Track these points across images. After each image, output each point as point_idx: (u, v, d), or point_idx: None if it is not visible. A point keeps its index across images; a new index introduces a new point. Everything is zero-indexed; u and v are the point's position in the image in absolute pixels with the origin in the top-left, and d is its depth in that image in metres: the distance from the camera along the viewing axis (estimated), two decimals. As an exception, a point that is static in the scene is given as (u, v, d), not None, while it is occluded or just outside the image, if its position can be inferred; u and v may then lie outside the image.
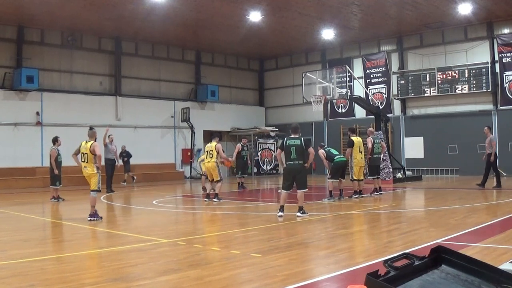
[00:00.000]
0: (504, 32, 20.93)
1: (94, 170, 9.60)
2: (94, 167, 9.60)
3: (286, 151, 9.43)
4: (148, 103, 24.26)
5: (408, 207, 11.91)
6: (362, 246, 6.81)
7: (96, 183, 9.59)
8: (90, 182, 9.69)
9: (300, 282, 4.67)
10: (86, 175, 9.74)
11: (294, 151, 9.33)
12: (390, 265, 3.06)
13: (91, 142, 9.69)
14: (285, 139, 9.57)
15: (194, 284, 4.70)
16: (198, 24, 21.39)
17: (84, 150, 9.68)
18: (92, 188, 9.63)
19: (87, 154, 9.61)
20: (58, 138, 13.81)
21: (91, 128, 10.14)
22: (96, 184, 9.59)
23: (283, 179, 9.66)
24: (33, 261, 5.80)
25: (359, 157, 12.90)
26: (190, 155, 25.43)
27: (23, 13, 19.00)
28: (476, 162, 21.00)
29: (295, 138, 9.48)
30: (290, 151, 9.37)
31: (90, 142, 9.70)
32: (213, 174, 13.03)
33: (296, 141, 9.39)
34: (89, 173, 9.62)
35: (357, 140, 13.02)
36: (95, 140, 9.80)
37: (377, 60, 24.64)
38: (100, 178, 9.70)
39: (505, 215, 9.04)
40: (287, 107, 28.36)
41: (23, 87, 19.69)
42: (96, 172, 9.60)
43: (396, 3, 18.63)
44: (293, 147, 9.35)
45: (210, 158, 12.97)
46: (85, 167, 9.67)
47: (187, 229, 9.03)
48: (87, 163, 9.65)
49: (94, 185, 9.60)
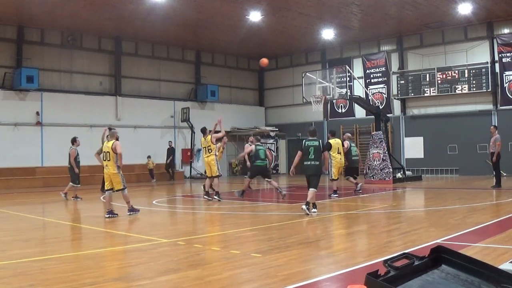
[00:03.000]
0: (504, 32, 20.94)
1: (115, 169, 9.81)
2: (115, 167, 9.81)
3: (304, 151, 9.97)
4: (148, 103, 24.27)
5: (408, 207, 11.91)
6: (362, 246, 6.81)
7: (121, 182, 9.87)
8: (113, 182, 9.91)
9: (300, 282, 4.67)
10: (107, 174, 9.94)
11: (312, 152, 9.90)
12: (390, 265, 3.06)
13: (113, 141, 9.90)
14: (304, 141, 10.15)
15: (194, 284, 4.70)
16: (198, 24, 21.39)
17: (106, 149, 9.93)
18: (117, 188, 9.91)
19: (109, 152, 9.84)
20: (76, 139, 14.19)
21: (110, 129, 10.47)
22: (121, 183, 9.87)
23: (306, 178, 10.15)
24: (33, 261, 5.80)
25: (338, 158, 13.46)
26: (190, 155, 25.43)
27: (23, 13, 19.00)
28: (476, 162, 21.07)
29: (314, 140, 10.05)
30: (308, 152, 9.93)
31: (112, 141, 9.91)
32: (212, 169, 12.93)
33: (314, 143, 9.97)
34: (111, 172, 9.85)
35: (335, 142, 13.58)
36: (117, 140, 10.01)
37: (377, 60, 24.64)
38: (123, 176, 9.96)
39: (505, 215, 9.04)
40: (287, 107, 28.36)
41: (23, 87, 19.70)
42: (117, 172, 9.82)
43: (396, 3, 18.63)
44: (312, 148, 9.91)
45: (209, 153, 12.90)
46: (107, 166, 9.89)
47: (187, 229, 9.03)
48: (108, 161, 9.86)
49: (119, 185, 9.89)
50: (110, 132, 10.21)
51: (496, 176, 14.99)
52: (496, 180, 14.94)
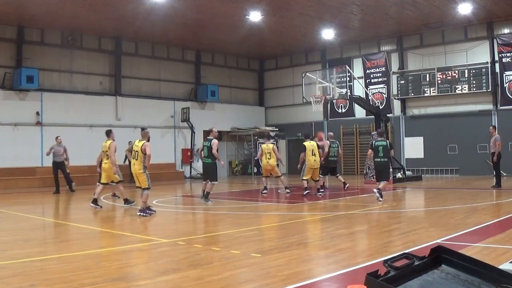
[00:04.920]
0: (504, 32, 20.93)
1: (141, 169, 10.10)
2: (141, 166, 10.10)
3: (374, 150, 11.94)
4: (148, 103, 24.26)
5: (408, 207, 11.92)
6: (362, 246, 6.81)
7: (146, 181, 10.15)
8: (140, 181, 10.26)
9: (300, 282, 4.67)
10: (134, 172, 10.30)
11: (381, 150, 11.82)
12: (390, 265, 3.06)
13: (143, 142, 10.17)
14: (373, 141, 12.18)
15: (194, 284, 4.70)
16: (198, 24, 21.38)
17: (136, 148, 10.22)
18: (143, 186, 10.19)
19: (138, 152, 10.12)
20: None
21: (143, 129, 10.74)
22: (146, 182, 10.14)
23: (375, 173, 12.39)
24: (34, 261, 5.80)
25: (312, 160, 13.66)
26: (190, 155, 25.43)
27: (23, 13, 19.00)
28: (476, 162, 21.07)
29: (382, 140, 12.09)
30: (378, 150, 11.86)
31: (142, 141, 10.19)
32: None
33: (382, 143, 11.96)
34: (137, 171, 10.16)
35: (309, 145, 13.82)
36: (147, 140, 10.29)
37: (377, 60, 24.64)
38: (148, 176, 10.23)
39: (505, 215, 9.04)
40: (287, 107, 28.36)
41: (23, 87, 19.68)
42: (143, 172, 10.10)
43: (396, 3, 18.63)
44: (381, 147, 11.85)
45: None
46: (134, 164, 10.23)
47: (187, 229, 9.04)
48: (136, 160, 10.16)
49: (145, 184, 10.18)
50: (142, 132, 10.52)
51: (496, 176, 14.99)
52: (496, 180, 14.94)
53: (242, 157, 28.51)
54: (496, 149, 14.62)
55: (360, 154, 24.57)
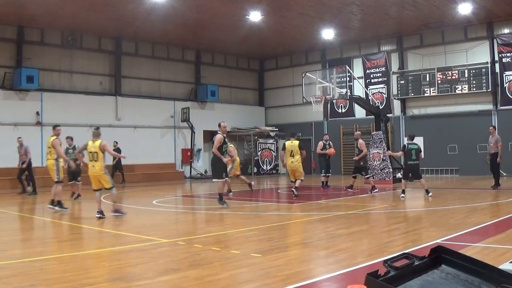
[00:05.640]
0: (504, 32, 20.93)
1: (103, 170, 9.68)
2: (103, 167, 9.67)
3: (407, 153, 12.67)
4: (148, 103, 24.27)
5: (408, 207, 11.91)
6: (362, 246, 6.81)
7: (109, 181, 9.76)
8: (103, 182, 9.77)
9: (300, 282, 4.67)
10: (94, 175, 9.74)
11: (413, 153, 12.59)
12: (390, 265, 3.06)
13: (99, 141, 9.73)
14: (406, 144, 12.85)
15: (194, 284, 4.70)
16: (198, 24, 21.39)
17: (94, 149, 9.67)
18: (108, 186, 9.78)
19: (97, 153, 9.63)
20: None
21: (97, 128, 10.18)
22: (109, 182, 9.76)
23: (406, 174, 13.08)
24: (33, 261, 5.80)
25: (289, 161, 13.26)
26: (190, 155, 25.43)
27: (23, 13, 19.00)
28: (476, 162, 21.05)
29: (413, 143, 12.81)
30: (411, 153, 12.61)
31: (98, 141, 9.74)
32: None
33: (414, 146, 12.76)
34: (98, 173, 9.67)
35: (290, 144, 13.34)
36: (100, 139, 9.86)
37: (377, 60, 24.64)
38: (110, 175, 9.93)
39: (505, 215, 9.04)
40: (287, 107, 28.36)
41: (23, 87, 19.69)
42: (104, 172, 9.70)
43: (396, 3, 18.63)
44: (413, 150, 12.62)
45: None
46: (93, 166, 9.69)
47: (187, 229, 9.03)
48: (96, 161, 9.66)
49: (108, 184, 9.77)
50: (95, 132, 9.94)
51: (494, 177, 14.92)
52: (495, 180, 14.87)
53: (242, 157, 28.47)
54: (498, 150, 14.58)
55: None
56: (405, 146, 12.88)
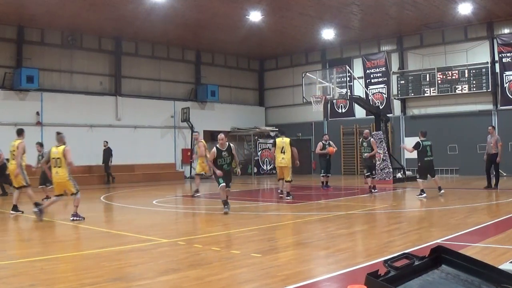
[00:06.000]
0: (504, 32, 20.93)
1: (67, 176, 9.40)
2: (67, 173, 9.40)
3: (422, 150, 12.74)
4: (148, 103, 24.26)
5: (408, 207, 11.91)
6: (362, 246, 6.81)
7: (73, 187, 9.48)
8: (67, 188, 9.54)
9: (300, 282, 4.67)
10: (59, 181, 9.47)
11: (429, 150, 12.83)
12: (390, 265, 3.06)
13: (63, 147, 9.43)
14: (422, 142, 12.81)
15: (194, 284, 4.70)
16: (198, 24, 21.39)
17: (58, 155, 9.35)
18: (73, 191, 9.54)
19: (60, 159, 9.33)
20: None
21: (58, 133, 9.79)
22: (74, 188, 9.49)
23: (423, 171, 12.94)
24: (33, 261, 5.80)
25: (279, 158, 12.90)
26: (190, 155, 25.42)
27: (23, 13, 19.00)
28: (476, 162, 21.02)
29: (427, 140, 12.95)
30: (426, 150, 12.78)
31: (62, 146, 9.44)
32: None
33: (429, 142, 12.94)
34: (63, 179, 9.40)
35: (280, 141, 13.06)
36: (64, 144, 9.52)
37: (377, 60, 24.64)
38: (74, 180, 9.56)
39: (505, 215, 9.04)
40: (287, 107, 28.36)
41: (23, 87, 19.69)
42: (68, 179, 9.41)
43: (396, 3, 18.63)
44: (429, 147, 12.83)
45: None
46: (57, 173, 9.42)
47: (187, 229, 9.03)
48: (60, 168, 9.36)
49: (72, 189, 9.51)
50: (58, 137, 9.61)
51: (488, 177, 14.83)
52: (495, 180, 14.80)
53: (242, 157, 28.47)
54: (498, 150, 14.54)
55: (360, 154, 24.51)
56: (420, 144, 12.79)
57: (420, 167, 13.07)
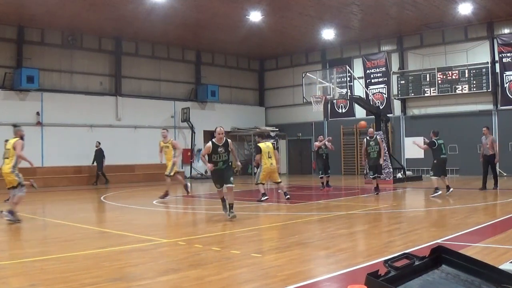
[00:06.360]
0: (504, 32, 20.93)
1: (11, 168, 9.23)
2: (11, 166, 9.25)
3: (438, 148, 13.14)
4: (148, 103, 24.27)
5: (408, 207, 11.91)
6: (362, 246, 6.81)
7: (17, 181, 9.24)
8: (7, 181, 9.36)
9: (300, 282, 4.67)
10: (3, 172, 9.37)
11: (444, 147, 13.31)
12: (390, 265, 3.06)
13: (16, 139, 9.44)
14: (435, 140, 13.21)
15: (194, 284, 4.70)
16: (198, 24, 21.39)
17: (8, 146, 9.46)
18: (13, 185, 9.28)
19: (9, 150, 9.40)
20: None
21: (15, 125, 9.85)
22: (17, 181, 9.24)
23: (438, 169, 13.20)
24: (34, 261, 5.80)
25: (268, 163, 12.90)
26: (190, 155, 25.43)
27: (23, 13, 19.00)
28: (476, 162, 21.01)
29: (440, 139, 13.38)
30: (441, 148, 13.21)
31: (15, 139, 9.46)
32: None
33: (442, 141, 13.39)
34: (6, 171, 9.26)
35: (265, 146, 13.14)
36: (21, 138, 9.50)
37: (377, 60, 24.64)
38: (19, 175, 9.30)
39: (505, 215, 9.03)
40: (287, 107, 28.36)
41: (23, 87, 19.69)
42: (12, 171, 9.22)
43: (396, 3, 18.63)
44: (442, 145, 13.29)
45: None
46: (4, 163, 9.41)
47: (187, 229, 9.03)
48: (7, 159, 9.34)
49: (15, 182, 9.26)
50: (14, 129, 9.66)
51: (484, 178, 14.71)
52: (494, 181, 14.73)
53: (242, 157, 28.49)
54: (495, 151, 14.51)
55: (360, 154, 24.53)
56: (435, 142, 13.16)
57: (436, 165, 13.27)
